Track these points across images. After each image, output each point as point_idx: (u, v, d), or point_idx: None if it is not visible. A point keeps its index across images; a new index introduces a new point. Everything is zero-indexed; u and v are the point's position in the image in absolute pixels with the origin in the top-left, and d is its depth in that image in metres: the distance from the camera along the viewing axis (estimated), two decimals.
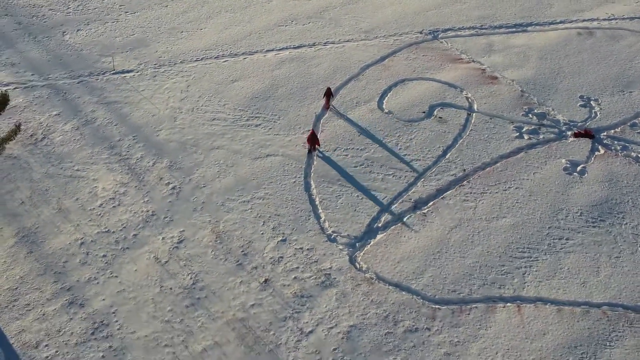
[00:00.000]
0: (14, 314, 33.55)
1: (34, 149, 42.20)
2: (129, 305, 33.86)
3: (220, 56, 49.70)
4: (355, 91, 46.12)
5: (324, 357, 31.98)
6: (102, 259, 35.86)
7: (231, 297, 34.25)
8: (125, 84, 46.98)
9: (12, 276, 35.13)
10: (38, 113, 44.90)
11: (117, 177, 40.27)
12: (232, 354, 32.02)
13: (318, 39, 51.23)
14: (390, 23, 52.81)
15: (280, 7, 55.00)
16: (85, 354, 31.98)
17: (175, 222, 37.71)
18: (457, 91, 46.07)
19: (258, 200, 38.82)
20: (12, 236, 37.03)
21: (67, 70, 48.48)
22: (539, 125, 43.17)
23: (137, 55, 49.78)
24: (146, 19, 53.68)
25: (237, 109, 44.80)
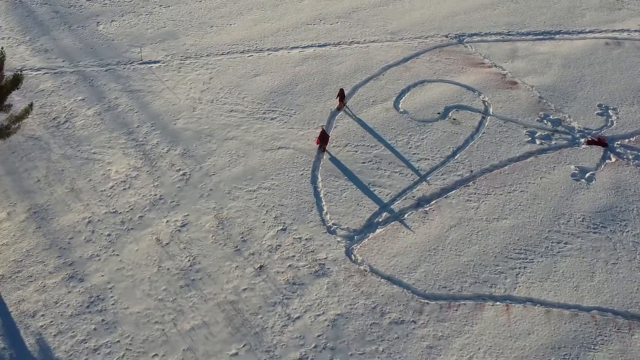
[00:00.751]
0: (16, 284, 34.85)
1: (55, 131, 43.70)
2: (126, 283, 34.95)
3: (245, 51, 50.73)
4: (374, 90, 46.72)
5: (308, 343, 32.52)
6: (106, 238, 37.05)
7: (225, 280, 35.07)
8: (150, 74, 48.33)
9: (19, 249, 36.52)
10: (64, 97, 46.44)
11: (131, 162, 41.45)
12: (219, 334, 32.82)
13: (343, 39, 51.90)
14: (417, 26, 53.24)
15: (311, 6, 55.88)
16: (78, 325, 33.10)
17: (181, 206, 38.73)
18: (474, 94, 46.31)
19: (264, 190, 39.63)
20: (24, 211, 38.45)
21: (97, 58, 50.03)
22: (553, 131, 43.24)
23: (166, 47, 51.11)
24: (179, 12, 55.04)
25: (255, 102, 45.75)
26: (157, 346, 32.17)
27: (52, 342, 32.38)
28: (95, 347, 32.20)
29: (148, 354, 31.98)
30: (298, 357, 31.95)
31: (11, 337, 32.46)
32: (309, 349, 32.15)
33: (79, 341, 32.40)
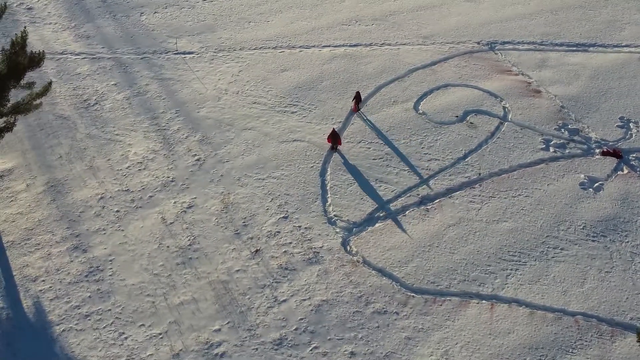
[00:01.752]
0: (24, 250, 36.89)
1: (84, 112, 45.88)
2: (126, 256, 36.64)
3: (278, 47, 52.18)
4: (396, 91, 47.60)
5: (289, 325, 33.63)
6: (114, 214, 38.86)
7: (220, 261, 36.46)
8: (183, 64, 50.22)
9: (32, 218, 38.60)
10: (97, 81, 48.63)
11: (150, 145, 43.26)
12: (205, 310, 34.20)
13: (375, 40, 52.90)
14: (450, 31, 53.84)
15: (350, 7, 57.02)
16: (74, 292, 34.88)
17: (191, 189, 40.33)
18: (496, 100, 46.79)
19: (272, 179, 40.94)
20: (43, 184, 40.58)
21: (135, 47, 52.18)
22: (568, 140, 43.39)
23: (202, 39, 52.96)
24: (220, 7, 56.88)
25: (278, 96, 47.13)
26: (145, 317, 33.61)
27: (47, 305, 34.05)
28: (87, 314, 33.72)
29: (135, 324, 33.34)
30: (277, 337, 32.83)
31: (10, 299, 34.25)
32: (290, 331, 33.13)
33: (72, 307, 34.01)
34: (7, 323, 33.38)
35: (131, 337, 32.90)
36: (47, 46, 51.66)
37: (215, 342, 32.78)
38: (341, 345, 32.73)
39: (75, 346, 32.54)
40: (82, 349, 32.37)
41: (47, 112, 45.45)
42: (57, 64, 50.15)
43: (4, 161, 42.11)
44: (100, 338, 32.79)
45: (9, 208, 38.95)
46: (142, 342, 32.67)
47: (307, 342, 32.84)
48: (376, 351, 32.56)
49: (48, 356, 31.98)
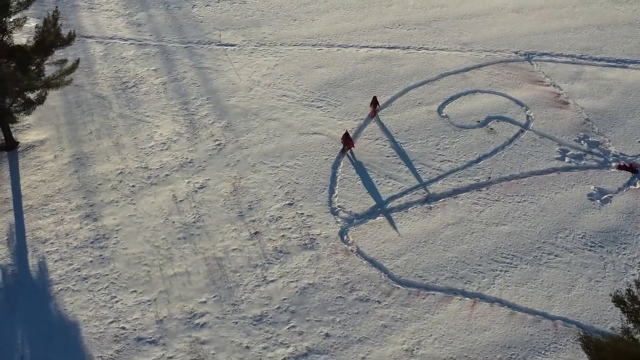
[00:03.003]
0: (40, 214, 39.52)
1: (121, 93, 48.49)
2: (132, 228, 38.85)
3: (317, 44, 53.84)
4: (424, 93, 48.62)
5: (272, 303, 35.17)
6: (130, 188, 41.19)
7: (220, 239, 38.28)
8: (223, 55, 52.44)
9: (53, 186, 41.27)
10: (139, 66, 51.24)
11: (177, 128, 45.52)
12: (196, 283, 36.07)
13: (414, 44, 53.97)
14: (490, 40, 54.48)
15: (396, 11, 58.22)
16: (78, 255, 37.24)
17: (206, 171, 42.35)
18: (521, 109, 47.31)
19: (285, 168, 42.59)
20: (69, 156, 43.24)
21: (181, 36, 54.67)
22: (586, 152, 43.64)
23: (246, 33, 55.06)
24: (270, 4, 58.90)
25: (307, 90, 48.77)
26: (138, 284, 35.67)
27: (51, 266, 36.46)
28: (85, 276, 36.01)
29: (128, 289, 35.42)
30: (259, 313, 34.38)
31: (18, 257, 36.82)
32: (271, 309, 34.63)
33: (73, 269, 36.34)
34: (11, 279, 35.75)
35: (121, 302, 34.77)
36: (99, 31, 54.42)
37: (199, 312, 34.30)
38: (318, 327, 33.86)
39: (69, 305, 34.60)
40: (74, 307, 34.44)
41: (86, 90, 47.95)
42: (105, 48, 52.77)
43: (39, 133, 44.79)
44: (93, 299, 34.78)
45: (34, 175, 41.53)
46: (131, 307, 34.54)
47: (285, 320, 34.09)
48: (350, 335, 33.56)
49: (42, 312, 34.18)
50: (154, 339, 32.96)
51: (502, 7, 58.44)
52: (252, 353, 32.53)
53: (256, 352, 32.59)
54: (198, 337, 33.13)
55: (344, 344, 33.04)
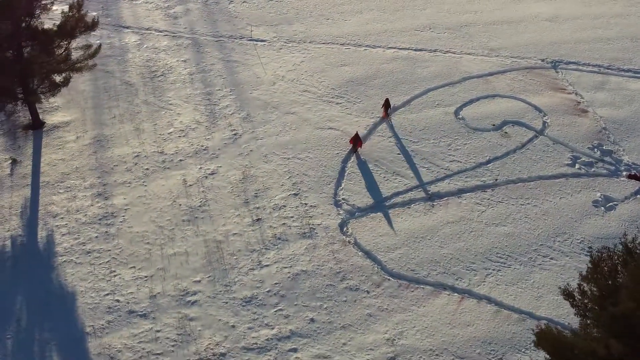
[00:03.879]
0: (54, 190, 41.50)
1: (148, 81, 50.42)
2: (140, 208, 40.53)
3: (345, 44, 55.02)
4: (444, 95, 49.38)
5: (264, 286, 36.41)
6: (143, 171, 42.94)
7: (222, 223, 39.69)
8: (252, 50, 54.02)
9: (71, 165, 43.24)
10: (170, 56, 53.16)
11: (197, 116, 47.19)
12: (193, 263, 37.52)
13: (441, 47, 54.73)
14: (519, 47, 54.90)
15: (429, 15, 59.06)
16: (84, 231, 39.05)
17: (219, 159, 43.87)
18: (539, 114, 47.69)
19: (296, 160, 43.84)
20: (90, 138, 45.22)
21: (214, 30, 56.47)
22: (598, 160, 43.92)
23: (277, 30, 56.56)
24: (306, 3, 60.37)
25: (329, 87, 49.99)
26: (138, 261, 37.28)
27: (58, 239, 38.36)
28: (88, 251, 37.75)
29: (127, 265, 37.04)
30: (249, 295, 35.63)
31: (29, 229, 38.78)
32: (262, 292, 35.85)
33: (79, 243, 38.12)
34: (20, 249, 37.67)
35: (119, 276, 36.40)
36: (137, 22, 56.49)
37: (191, 291, 35.71)
38: (304, 312, 34.91)
39: (70, 276, 36.34)
40: (74, 279, 36.16)
41: (116, 77, 49.98)
42: (140, 38, 54.85)
43: (65, 115, 46.92)
44: (93, 272, 36.50)
45: (54, 154, 43.54)
46: (128, 281, 36.11)
47: (274, 304, 35.23)
48: (335, 321, 34.52)
49: (44, 280, 36.03)
50: (145, 313, 34.31)
51: (537, 15, 58.64)
52: (236, 332, 33.61)
53: (241, 332, 33.64)
54: (187, 313, 34.32)
55: (328, 330, 33.88)
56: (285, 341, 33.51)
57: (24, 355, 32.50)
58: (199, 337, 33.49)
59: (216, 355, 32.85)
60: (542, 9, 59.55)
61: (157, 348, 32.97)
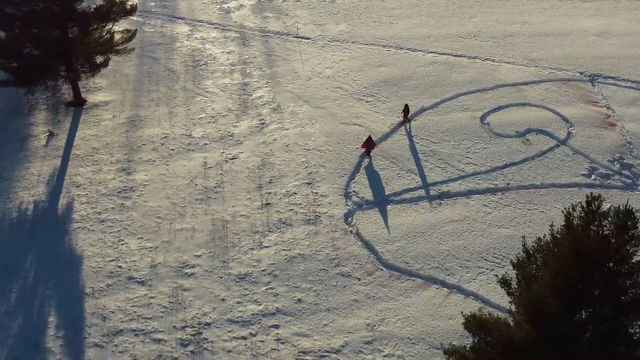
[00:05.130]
0: (83, 162, 44.33)
1: (190, 69, 53.08)
2: (158, 184, 42.95)
3: (387, 46, 56.53)
4: (474, 100, 50.36)
5: (260, 265, 38.22)
6: (169, 151, 45.43)
7: (232, 205, 41.77)
8: (295, 46, 56.16)
9: (102, 141, 46.09)
10: (217, 47, 55.84)
11: (229, 104, 49.51)
12: (198, 239, 39.63)
13: (481, 55, 55.65)
14: (560, 59, 55.35)
15: (476, 23, 60.01)
16: (102, 202, 41.68)
17: (242, 145, 46.03)
18: (565, 125, 48.25)
19: (316, 152, 45.62)
20: (126, 118, 48.03)
21: (262, 25, 59.02)
22: (615, 173, 44.34)
23: (324, 29, 58.53)
24: (357, 5, 62.29)
25: (362, 86, 51.63)
26: (146, 233, 39.60)
27: (77, 206, 41.05)
28: (102, 219, 40.32)
29: (135, 236, 39.43)
30: (244, 272, 37.53)
31: (52, 196, 41.61)
32: (256, 270, 37.69)
33: (95, 212, 40.73)
34: (40, 213, 40.53)
35: (126, 245, 38.76)
36: (191, 14, 59.43)
37: (190, 264, 37.84)
38: (293, 292, 36.56)
39: (81, 241, 38.92)
40: (84, 244, 38.72)
41: (161, 64, 52.79)
42: (191, 29, 57.68)
43: (106, 95, 49.87)
44: (103, 239, 38.97)
45: (89, 130, 46.46)
46: (133, 250, 38.45)
47: (266, 282, 37.00)
48: (321, 303, 36.04)
49: (56, 243, 38.92)
50: (143, 280, 36.53)
51: (586, 29, 58.82)
52: (225, 305, 35.45)
53: (229, 305, 35.47)
54: (182, 284, 36.37)
55: (312, 310, 35.39)
56: (269, 317, 35.00)
57: (24, 309, 34.77)
58: (189, 306, 35.24)
59: (201, 325, 34.43)
60: (593, 24, 59.45)
61: (148, 313, 34.85)
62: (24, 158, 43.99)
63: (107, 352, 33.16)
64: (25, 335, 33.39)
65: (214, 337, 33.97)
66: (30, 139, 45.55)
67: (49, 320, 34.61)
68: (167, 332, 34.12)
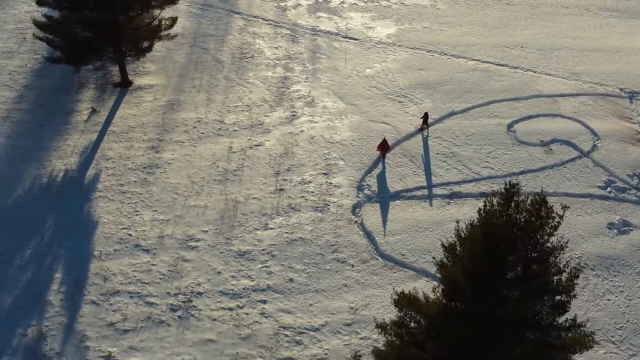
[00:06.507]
0: (117, 138, 47.44)
1: (237, 61, 55.84)
2: (182, 164, 45.69)
3: (432, 51, 58.02)
4: (505, 108, 51.31)
5: (261, 245, 40.30)
6: (199, 135, 48.19)
7: (248, 187, 44.11)
8: (341, 46, 58.28)
9: (139, 120, 49.18)
10: (265, 42, 58.51)
11: (266, 95, 52.00)
12: (208, 215, 42.01)
13: (524, 65, 56.51)
14: (603, 74, 55.64)
15: (526, 35, 60.79)
16: (126, 175, 44.58)
17: (269, 133, 48.38)
18: (592, 138, 48.89)
19: (339, 145, 47.60)
20: (166, 101, 51.03)
21: (314, 24, 61.30)
22: (633, 187, 44.66)
23: (374, 31, 60.50)
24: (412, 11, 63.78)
25: (398, 87, 53.35)
26: (161, 206, 42.29)
27: (103, 178, 44.08)
28: (123, 191, 43.20)
29: (151, 208, 42.17)
30: (244, 250, 39.75)
31: (82, 166, 44.71)
32: (256, 249, 39.84)
33: (118, 184, 43.67)
34: (68, 180, 43.68)
35: (140, 215, 41.46)
36: (248, 9, 62.34)
37: (196, 238, 40.24)
38: (287, 272, 38.54)
39: (99, 209, 41.83)
40: (102, 212, 41.62)
41: (209, 54, 55.71)
42: (246, 23, 60.54)
43: (153, 79, 52.96)
44: (120, 209, 41.80)
45: (129, 109, 49.60)
46: (145, 221, 41.12)
47: (263, 261, 39.08)
48: (311, 284, 37.88)
49: (76, 208, 41.77)
50: (148, 248, 39.10)
51: (638, 48, 58.51)
52: (219, 277, 37.68)
53: (223, 278, 37.69)
54: (184, 255, 38.76)
55: (301, 290, 37.22)
56: (259, 293, 37.00)
57: (34, 264, 37.78)
58: (186, 276, 37.55)
59: (194, 293, 36.69)
60: None
61: (147, 278, 37.35)
62: (64, 130, 46.91)
63: (101, 310, 35.34)
64: (31, 287, 36.16)
65: (202, 305, 35.84)
66: (73, 114, 48.49)
67: (55, 277, 37.02)
68: (160, 297, 36.18)
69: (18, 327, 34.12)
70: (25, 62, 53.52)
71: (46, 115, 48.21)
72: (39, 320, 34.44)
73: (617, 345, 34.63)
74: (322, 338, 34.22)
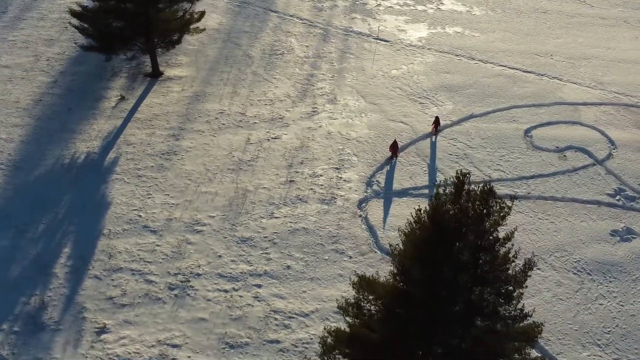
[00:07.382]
0: (140, 125, 49.50)
1: (266, 57, 57.56)
2: (199, 152, 47.51)
3: (460, 55, 58.89)
4: (526, 114, 51.89)
5: (263, 233, 41.71)
6: (219, 125, 49.97)
7: (259, 178, 45.67)
8: (370, 47, 59.61)
9: (164, 109, 51.17)
10: (297, 40, 60.11)
11: (290, 91, 53.57)
12: (217, 202, 43.55)
13: (550, 73, 56.93)
14: (630, 85, 55.72)
15: (558, 44, 61.15)
16: (145, 160, 46.47)
17: (288, 128, 49.90)
18: (609, 146, 49.31)
19: (355, 142, 48.92)
20: (192, 92, 52.96)
21: (348, 25, 62.62)
22: None
23: (405, 34, 61.59)
24: (447, 16, 64.65)
25: (421, 88, 54.38)
26: (173, 191, 44.07)
27: (121, 161, 46.04)
28: (139, 175, 45.10)
29: (163, 192, 43.98)
30: (247, 236, 41.25)
31: (103, 150, 46.76)
32: (259, 236, 41.29)
33: (135, 167, 45.62)
34: (88, 162, 45.69)
35: (152, 199, 43.32)
36: (286, 8, 64.29)
37: (202, 222, 41.87)
38: (285, 259, 39.88)
39: (114, 190, 43.80)
40: (117, 193, 43.59)
41: (241, 49, 57.57)
42: (280, 21, 62.25)
43: (183, 70, 54.97)
44: (133, 191, 43.70)
45: (156, 98, 51.64)
46: (156, 204, 42.94)
47: (263, 247, 40.51)
48: (307, 272, 39.15)
49: (92, 189, 43.56)
50: (155, 229, 40.85)
51: None
52: (219, 261, 39.20)
53: (223, 262, 39.19)
54: (189, 238, 40.38)
55: (297, 278, 38.48)
56: (255, 277, 38.37)
57: (46, 238, 39.81)
58: (188, 257, 39.16)
59: (192, 274, 38.28)
60: None
61: (150, 257, 39.06)
62: (91, 115, 49.05)
63: (102, 284, 37.13)
64: (39, 259, 38.10)
65: (199, 286, 37.37)
66: (102, 100, 50.63)
67: (63, 251, 38.94)
68: (160, 275, 37.80)
69: (22, 295, 35.75)
70: (63, 50, 55.72)
71: (76, 100, 50.18)
72: (43, 290, 36.05)
73: (602, 349, 34.59)
74: (310, 324, 35.19)
